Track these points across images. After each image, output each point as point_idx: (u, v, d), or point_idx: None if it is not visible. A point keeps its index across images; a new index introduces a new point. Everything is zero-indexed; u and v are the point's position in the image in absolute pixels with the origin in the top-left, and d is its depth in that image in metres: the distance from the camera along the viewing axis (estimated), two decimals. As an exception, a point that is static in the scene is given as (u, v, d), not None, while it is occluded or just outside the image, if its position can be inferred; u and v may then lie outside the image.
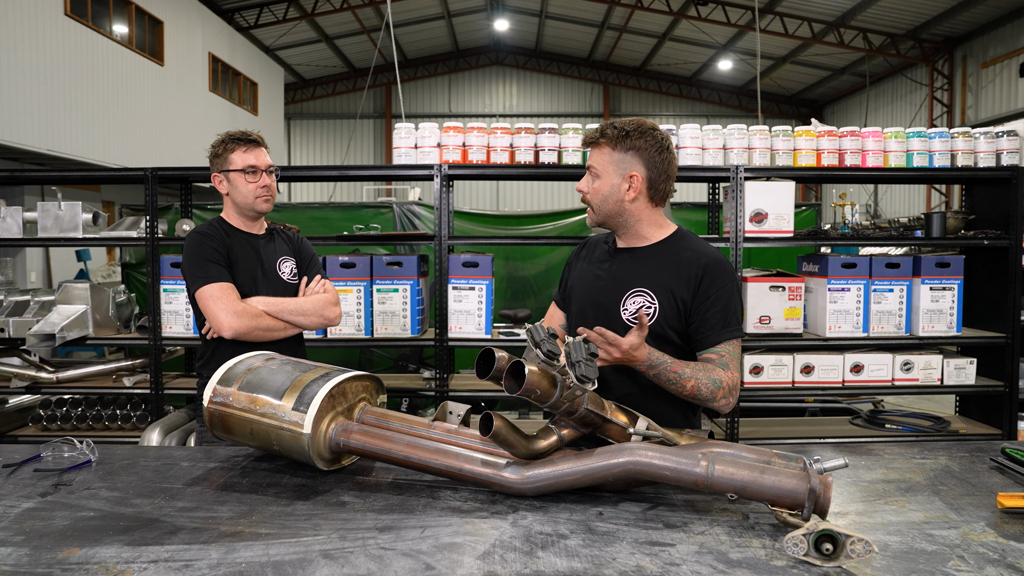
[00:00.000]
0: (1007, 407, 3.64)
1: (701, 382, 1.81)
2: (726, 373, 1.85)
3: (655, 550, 1.29)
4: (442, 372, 3.62)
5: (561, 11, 18.88)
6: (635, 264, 1.98)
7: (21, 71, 8.83)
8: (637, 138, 1.91)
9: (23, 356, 3.84)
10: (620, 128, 1.92)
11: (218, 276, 2.35)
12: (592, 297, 2.02)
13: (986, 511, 1.48)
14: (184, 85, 13.25)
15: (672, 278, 1.92)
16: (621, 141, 1.91)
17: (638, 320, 1.75)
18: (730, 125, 3.78)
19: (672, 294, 1.91)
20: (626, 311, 1.93)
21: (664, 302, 1.91)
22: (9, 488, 1.61)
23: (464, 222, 5.56)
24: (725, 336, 1.88)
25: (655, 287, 1.92)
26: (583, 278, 2.08)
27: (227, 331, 2.29)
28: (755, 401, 4.26)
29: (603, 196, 1.95)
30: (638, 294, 1.93)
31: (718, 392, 1.82)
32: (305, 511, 1.47)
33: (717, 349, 1.88)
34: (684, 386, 1.81)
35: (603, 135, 1.94)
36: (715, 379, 1.83)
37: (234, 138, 2.47)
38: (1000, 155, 3.73)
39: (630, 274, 1.96)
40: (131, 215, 4.99)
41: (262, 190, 2.46)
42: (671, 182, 1.97)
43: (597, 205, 1.97)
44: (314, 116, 23.26)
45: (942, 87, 16.00)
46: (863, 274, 3.61)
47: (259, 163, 2.46)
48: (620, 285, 1.96)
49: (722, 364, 1.86)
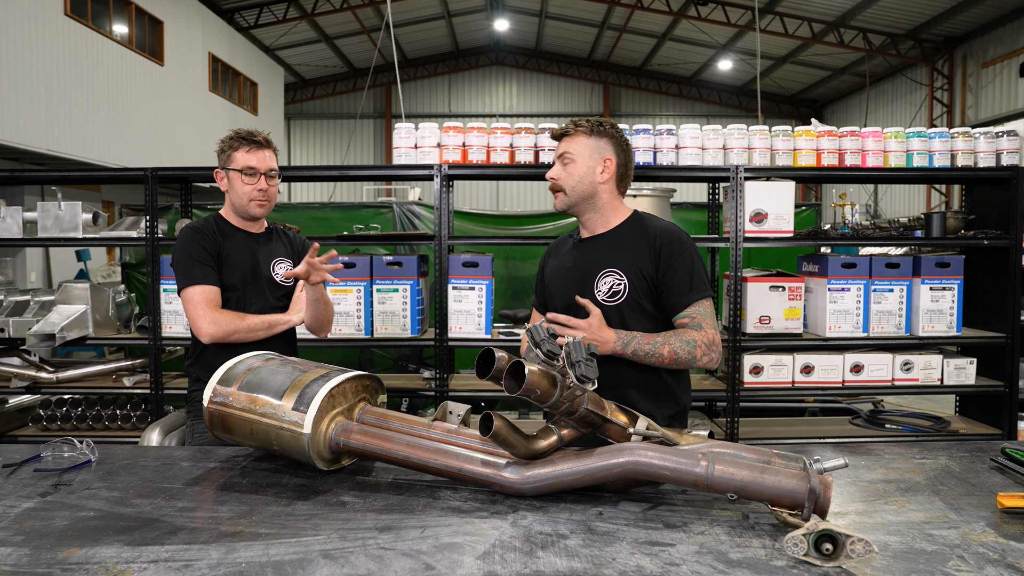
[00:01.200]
0: (1007, 407, 3.64)
1: (675, 346, 1.96)
2: (699, 333, 1.99)
3: (655, 550, 1.29)
4: (442, 372, 3.62)
5: (561, 11, 18.88)
6: (600, 248, 2.13)
7: (21, 71, 8.83)
8: (610, 128, 2.13)
9: (23, 356, 3.84)
10: (593, 120, 2.12)
11: (202, 278, 2.32)
12: (564, 286, 2.15)
13: (986, 511, 1.48)
14: (184, 85, 13.25)
15: (635, 254, 2.07)
16: (596, 128, 2.11)
17: (606, 302, 1.94)
18: (730, 125, 3.78)
19: (638, 269, 2.06)
20: (599, 292, 2.07)
21: (632, 278, 2.06)
22: (9, 488, 1.61)
23: (464, 222, 5.56)
24: (693, 298, 2.03)
25: (622, 265, 2.07)
26: (556, 273, 2.22)
27: (205, 337, 2.29)
28: (755, 401, 4.26)
29: (578, 178, 2.09)
30: (608, 274, 2.08)
31: (696, 351, 1.97)
32: (305, 511, 1.47)
33: (688, 312, 2.02)
34: (661, 354, 1.95)
35: (578, 126, 2.12)
36: (687, 340, 1.97)
37: (240, 137, 2.43)
38: (1000, 155, 3.73)
39: (597, 258, 2.11)
40: (131, 215, 4.99)
41: (257, 193, 2.41)
42: (631, 176, 2.18)
43: (571, 187, 2.10)
44: (314, 116, 23.26)
45: (942, 87, 16.00)
46: (863, 274, 3.61)
47: (259, 166, 2.42)
48: (590, 270, 2.11)
49: (695, 325, 2.01)
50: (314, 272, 2.30)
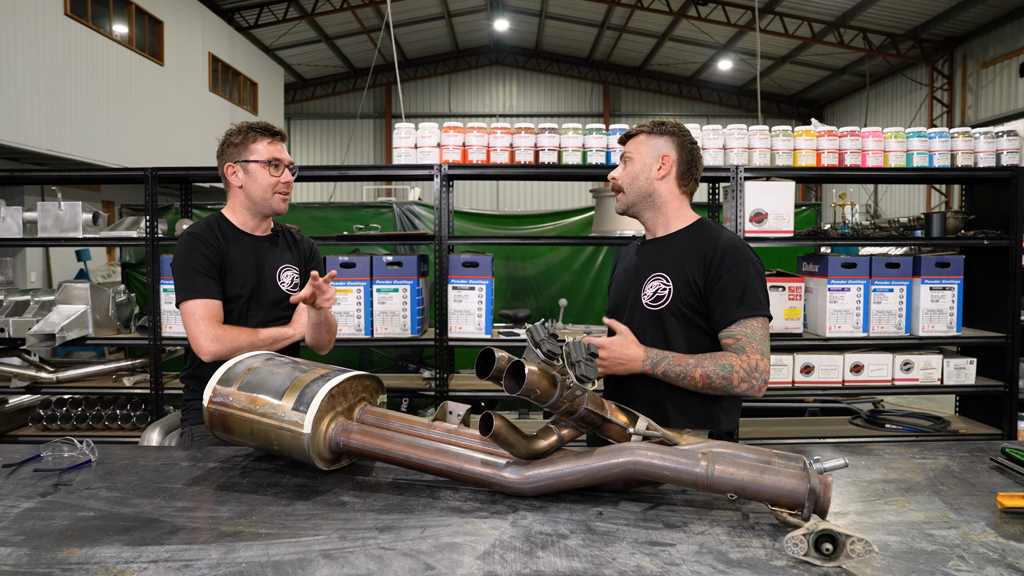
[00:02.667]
0: (1007, 407, 3.64)
1: (708, 370, 1.84)
2: (739, 357, 1.84)
3: (655, 550, 1.29)
4: (442, 372, 3.62)
5: (561, 11, 18.88)
6: (658, 252, 2.05)
7: (21, 71, 8.83)
8: (672, 127, 2.07)
9: (23, 356, 3.84)
10: (656, 120, 2.10)
11: (203, 291, 2.17)
12: (621, 290, 2.12)
13: (986, 511, 1.48)
14: (184, 85, 13.24)
15: (687, 259, 1.97)
16: (657, 128, 2.07)
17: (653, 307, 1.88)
18: (730, 125, 3.78)
19: (686, 275, 1.95)
20: (645, 295, 2.01)
21: (678, 283, 1.95)
22: (9, 488, 1.61)
23: (464, 222, 5.56)
24: (740, 315, 1.88)
25: (671, 269, 1.98)
26: (619, 278, 2.18)
27: (206, 355, 2.16)
28: (755, 401, 4.26)
29: (634, 175, 2.04)
30: (656, 278, 2.00)
31: (733, 377, 1.83)
32: (305, 511, 1.47)
33: (732, 331, 1.89)
34: (693, 377, 1.84)
35: (640, 128, 2.09)
36: (724, 364, 1.84)
37: (260, 128, 2.30)
38: (1000, 155, 3.73)
39: (652, 261, 2.04)
40: (131, 215, 4.99)
41: (283, 185, 2.30)
42: (698, 174, 2.08)
43: (628, 184, 2.06)
44: (314, 116, 23.26)
45: (942, 87, 16.00)
46: (863, 274, 3.60)
47: (283, 158, 2.31)
48: (643, 273, 2.05)
49: (736, 348, 1.87)
50: (320, 296, 2.14)
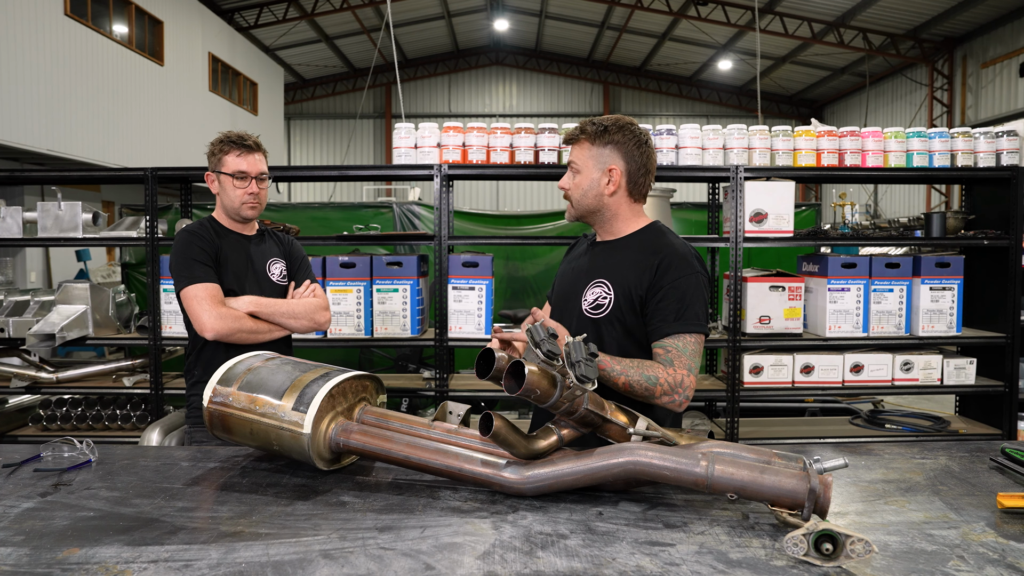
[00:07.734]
0: (1007, 407, 3.64)
1: (632, 379, 1.75)
2: (666, 370, 1.78)
3: (655, 550, 1.29)
4: (442, 372, 3.62)
5: (561, 11, 18.88)
6: (604, 256, 1.99)
7: (21, 71, 8.83)
8: (615, 132, 1.92)
9: (23, 356, 3.84)
10: (599, 124, 1.93)
11: (203, 276, 2.32)
12: (563, 289, 2.07)
13: (986, 511, 1.48)
14: (184, 85, 13.25)
15: (631, 269, 1.90)
16: (600, 136, 1.92)
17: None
18: (730, 125, 3.79)
19: (627, 285, 1.89)
20: (585, 301, 1.95)
21: (619, 293, 1.89)
22: (9, 488, 1.61)
23: (464, 222, 5.56)
24: (675, 329, 1.82)
25: (613, 278, 1.92)
26: (563, 273, 2.13)
27: (209, 332, 2.27)
28: (755, 401, 4.26)
29: (583, 190, 1.95)
30: (597, 285, 1.94)
31: (655, 389, 1.76)
32: (305, 511, 1.47)
33: (664, 343, 1.83)
34: (616, 383, 1.76)
35: (583, 132, 1.95)
36: (649, 375, 1.76)
37: (231, 140, 2.45)
38: (1000, 155, 3.73)
39: (596, 266, 1.98)
40: (131, 215, 4.99)
41: (249, 197, 2.44)
42: (650, 176, 1.98)
43: (577, 199, 1.97)
44: (314, 116, 23.26)
45: (942, 87, 15.99)
46: (863, 274, 3.61)
47: (250, 170, 2.43)
48: (585, 276, 1.98)
49: (665, 360, 1.81)
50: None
